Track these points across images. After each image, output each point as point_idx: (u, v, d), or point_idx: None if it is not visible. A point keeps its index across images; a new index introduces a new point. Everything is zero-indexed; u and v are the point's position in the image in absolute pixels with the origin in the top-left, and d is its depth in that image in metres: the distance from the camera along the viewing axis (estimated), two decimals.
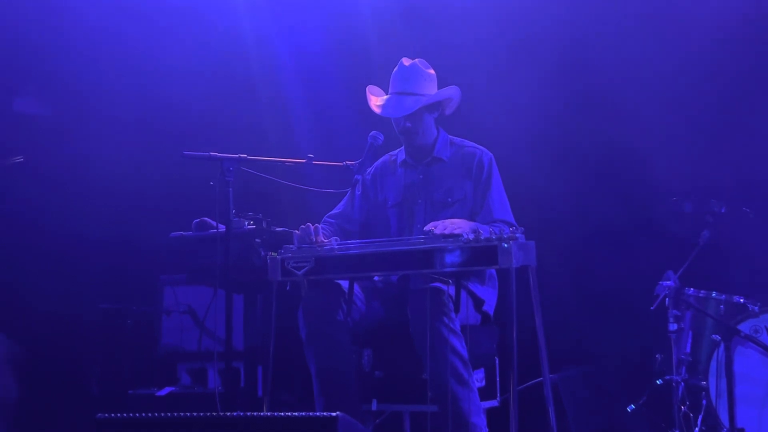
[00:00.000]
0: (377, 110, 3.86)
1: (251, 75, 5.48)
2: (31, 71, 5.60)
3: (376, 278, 3.85)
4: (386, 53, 4.67)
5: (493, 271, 3.77)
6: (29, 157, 4.61)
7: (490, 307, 3.82)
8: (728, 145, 4.71)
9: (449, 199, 3.84)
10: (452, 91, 3.88)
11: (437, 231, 3.43)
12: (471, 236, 3.33)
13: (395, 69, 3.90)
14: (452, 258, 3.33)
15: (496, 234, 3.38)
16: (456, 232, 3.40)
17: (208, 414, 3.02)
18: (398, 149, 4.04)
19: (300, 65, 5.44)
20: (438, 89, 3.90)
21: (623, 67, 4.89)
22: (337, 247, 3.54)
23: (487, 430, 3.54)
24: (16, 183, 5.15)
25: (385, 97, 3.89)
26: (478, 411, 3.48)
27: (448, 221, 3.55)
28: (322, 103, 5.40)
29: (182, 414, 3.01)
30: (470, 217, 3.78)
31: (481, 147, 3.94)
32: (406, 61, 3.90)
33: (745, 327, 4.15)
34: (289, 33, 5.45)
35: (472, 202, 3.83)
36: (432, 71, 3.92)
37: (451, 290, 3.50)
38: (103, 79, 5.47)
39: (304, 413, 2.97)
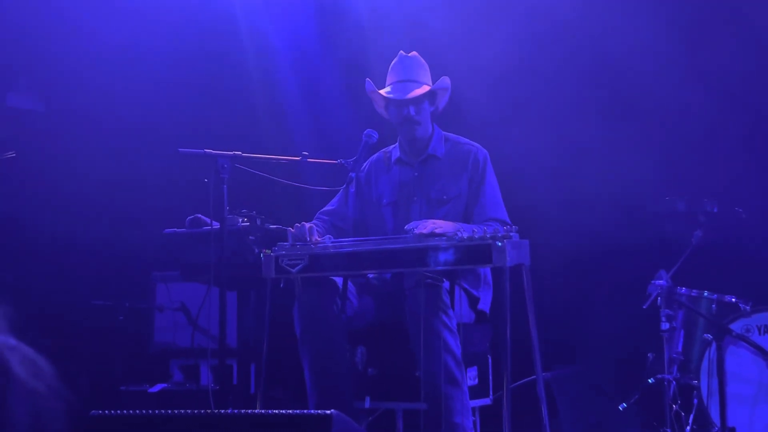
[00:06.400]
0: (385, 95, 3.83)
1: (246, 72, 5.47)
2: (24, 66, 5.57)
3: (370, 276, 3.85)
4: (382, 51, 4.66)
5: (488, 269, 3.78)
6: (21, 152, 4.58)
7: (485, 305, 3.82)
8: (721, 145, 4.72)
9: (444, 197, 3.83)
10: (448, 82, 3.88)
11: (417, 230, 3.43)
12: (458, 236, 3.32)
13: (395, 60, 3.90)
14: (446, 256, 3.32)
15: (489, 233, 3.37)
16: (438, 231, 3.40)
17: (201, 411, 3.02)
18: (392, 146, 4.02)
19: (295, 62, 5.43)
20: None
21: (619, 64, 4.89)
22: (330, 245, 3.54)
23: (473, 431, 3.51)
24: (8, 179, 5.13)
25: (388, 87, 3.87)
26: (465, 411, 3.46)
27: (429, 221, 3.55)
28: (317, 100, 5.39)
29: (175, 411, 3.01)
30: (464, 214, 3.78)
31: (476, 144, 3.93)
32: (405, 53, 3.91)
33: (736, 326, 4.16)
34: (285, 30, 5.44)
35: (467, 199, 3.83)
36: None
37: (447, 286, 3.50)
38: (97, 74, 5.45)
39: (298, 411, 2.97)
